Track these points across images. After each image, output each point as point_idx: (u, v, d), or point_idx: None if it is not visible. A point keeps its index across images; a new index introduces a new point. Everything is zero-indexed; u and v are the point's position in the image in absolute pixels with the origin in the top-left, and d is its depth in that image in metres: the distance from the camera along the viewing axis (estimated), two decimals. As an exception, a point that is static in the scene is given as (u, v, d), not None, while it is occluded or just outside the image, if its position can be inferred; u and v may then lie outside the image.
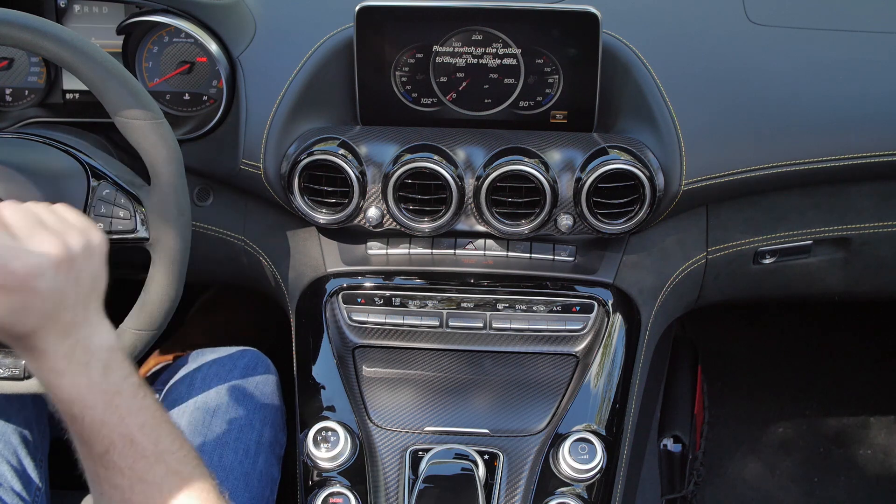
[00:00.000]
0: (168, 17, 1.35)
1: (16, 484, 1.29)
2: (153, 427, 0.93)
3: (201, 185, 1.47)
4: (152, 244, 1.19)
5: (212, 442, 1.30)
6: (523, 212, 1.31)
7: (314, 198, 1.34)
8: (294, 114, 1.36)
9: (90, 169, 1.21)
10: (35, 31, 1.09)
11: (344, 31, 1.37)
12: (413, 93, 1.37)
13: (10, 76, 1.46)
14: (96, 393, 0.90)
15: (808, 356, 2.30)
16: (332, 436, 1.28)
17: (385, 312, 1.40)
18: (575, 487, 1.26)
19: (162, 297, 1.19)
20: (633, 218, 1.32)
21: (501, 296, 1.39)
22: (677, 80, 1.35)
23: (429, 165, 1.28)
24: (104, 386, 0.90)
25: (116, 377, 0.92)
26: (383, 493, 1.26)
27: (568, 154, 1.32)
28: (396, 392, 1.37)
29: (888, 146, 1.35)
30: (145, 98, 1.15)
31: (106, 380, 0.91)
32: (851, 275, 1.54)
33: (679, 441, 1.84)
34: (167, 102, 1.45)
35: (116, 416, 0.90)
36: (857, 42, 1.40)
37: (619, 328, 1.39)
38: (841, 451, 2.12)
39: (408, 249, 1.40)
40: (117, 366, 0.92)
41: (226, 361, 1.41)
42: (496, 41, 1.34)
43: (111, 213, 1.20)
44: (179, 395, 1.37)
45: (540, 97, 1.37)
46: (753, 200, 1.43)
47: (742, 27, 1.40)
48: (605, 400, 1.35)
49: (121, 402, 0.91)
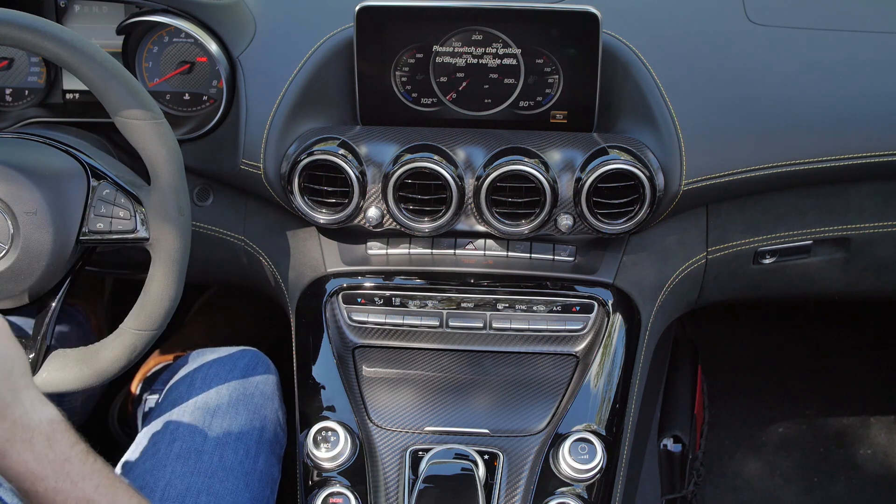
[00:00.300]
0: (168, 17, 1.35)
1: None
2: (108, 487, 0.95)
3: (201, 185, 1.47)
4: (152, 244, 1.19)
5: (212, 442, 1.30)
6: (523, 212, 1.31)
7: (314, 198, 1.34)
8: (294, 114, 1.36)
9: (90, 169, 1.21)
10: (35, 31, 1.09)
11: (344, 31, 1.37)
12: (413, 93, 1.37)
13: (10, 76, 1.46)
14: (44, 464, 0.92)
15: (808, 356, 2.30)
16: (332, 436, 1.29)
17: (385, 312, 1.40)
18: (575, 487, 1.26)
19: (162, 297, 1.19)
20: (633, 218, 1.32)
21: (501, 296, 1.39)
22: (677, 80, 1.35)
23: (429, 165, 1.28)
24: (51, 457, 0.93)
25: (63, 446, 0.94)
26: (383, 493, 1.26)
27: (568, 154, 1.32)
28: (396, 392, 1.37)
29: (888, 146, 1.36)
30: (145, 98, 1.15)
31: (52, 450, 0.93)
32: (851, 275, 1.54)
33: (679, 441, 1.84)
34: (167, 102, 1.45)
35: (69, 482, 0.93)
36: (857, 42, 1.40)
37: (619, 328, 1.39)
38: (841, 451, 2.12)
39: (408, 249, 1.40)
40: (62, 436, 0.95)
41: (226, 361, 1.41)
42: (496, 41, 1.34)
43: (111, 213, 1.20)
44: (180, 395, 1.37)
45: (540, 97, 1.37)
46: (753, 200, 1.43)
47: (742, 27, 1.40)
48: (605, 400, 1.35)
49: (71, 469, 0.93)
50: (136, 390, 1.81)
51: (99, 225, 1.20)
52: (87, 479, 0.94)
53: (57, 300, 1.24)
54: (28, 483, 0.92)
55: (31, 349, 1.21)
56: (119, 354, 1.21)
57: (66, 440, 0.95)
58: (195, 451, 1.28)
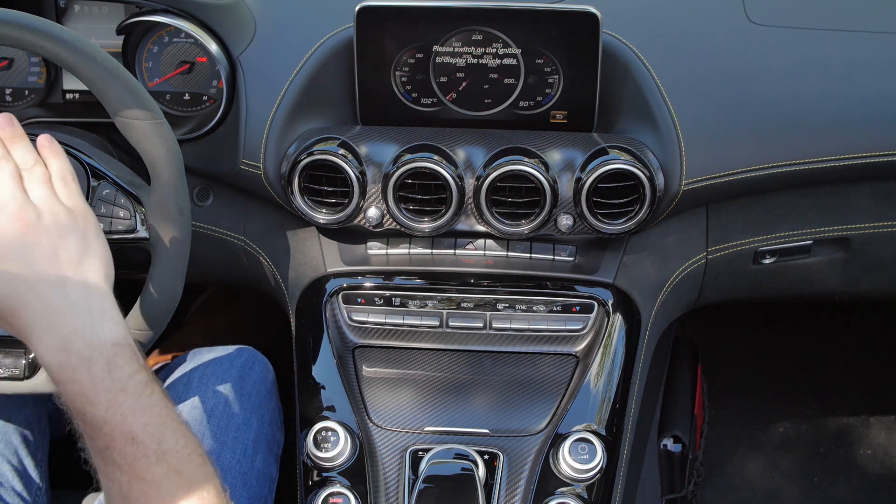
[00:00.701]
0: (168, 17, 1.35)
1: (16, 483, 1.29)
2: (157, 426, 0.91)
3: (201, 185, 1.47)
4: (152, 244, 1.19)
5: (209, 441, 1.30)
6: (523, 212, 1.31)
7: (314, 198, 1.34)
8: (294, 114, 1.36)
9: (90, 169, 1.21)
10: (35, 31, 1.09)
11: (344, 31, 1.37)
12: (413, 93, 1.37)
13: (10, 76, 1.46)
14: (99, 390, 0.88)
15: (808, 356, 2.30)
16: (332, 436, 1.29)
17: (385, 312, 1.40)
18: (575, 487, 1.26)
19: (162, 297, 1.19)
20: (633, 218, 1.32)
21: (501, 296, 1.39)
22: (677, 80, 1.35)
23: (429, 165, 1.28)
24: (107, 383, 0.89)
25: (122, 374, 0.90)
26: (383, 493, 1.26)
27: (568, 154, 1.32)
28: (396, 392, 1.37)
29: (888, 146, 1.35)
30: (145, 98, 1.15)
31: (110, 377, 0.89)
32: (851, 275, 1.54)
33: (679, 441, 1.84)
34: (167, 102, 1.45)
35: (119, 414, 0.89)
36: (857, 42, 1.40)
37: (619, 328, 1.39)
38: (841, 451, 2.12)
39: (408, 249, 1.40)
40: (124, 362, 0.91)
41: (223, 360, 1.41)
42: (496, 41, 1.33)
43: (111, 213, 1.20)
44: (177, 395, 1.37)
45: (540, 97, 1.37)
46: (753, 200, 1.43)
47: (742, 27, 1.40)
48: (605, 400, 1.35)
49: (124, 401, 0.89)
50: (136, 390, 1.80)
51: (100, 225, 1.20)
52: (138, 416, 0.89)
53: (57, 300, 1.24)
54: (79, 404, 0.88)
55: (30, 350, 1.21)
56: (119, 354, 1.20)
57: (127, 368, 0.91)
58: (193, 450, 1.28)
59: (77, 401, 0.89)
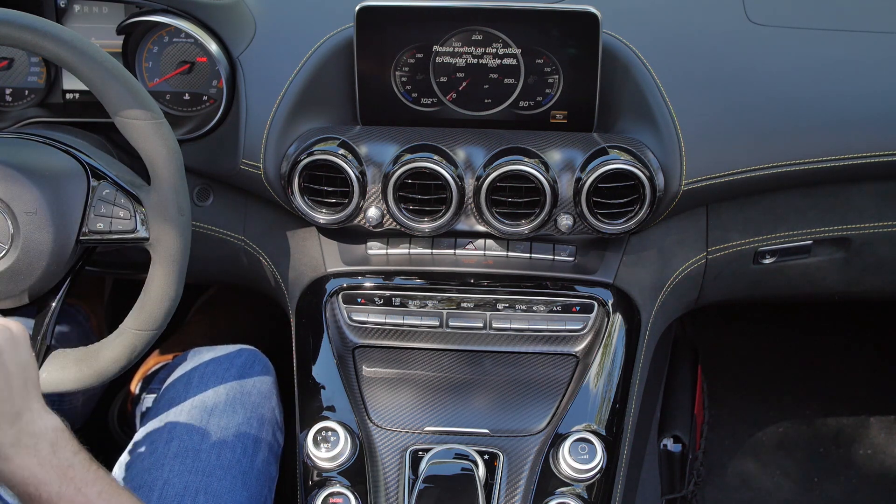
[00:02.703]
0: (168, 17, 1.35)
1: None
2: (111, 494, 0.97)
3: (201, 185, 1.47)
4: (152, 244, 1.19)
5: (209, 440, 1.30)
6: (523, 212, 1.31)
7: (314, 198, 1.34)
8: (294, 114, 1.36)
9: (90, 169, 1.21)
10: (35, 31, 1.09)
11: (344, 31, 1.37)
12: (413, 93, 1.37)
13: (10, 76, 1.46)
14: (48, 469, 0.94)
15: (808, 356, 2.30)
16: (332, 436, 1.29)
17: (385, 312, 1.40)
18: (575, 487, 1.26)
19: (162, 297, 1.19)
20: (633, 218, 1.32)
21: (501, 296, 1.39)
22: (677, 80, 1.35)
23: (429, 165, 1.28)
24: (55, 462, 0.94)
25: (66, 453, 0.96)
26: (383, 493, 1.26)
27: (568, 154, 1.33)
28: (396, 392, 1.37)
29: (888, 146, 1.36)
30: (145, 98, 1.15)
31: (56, 456, 0.95)
32: (851, 275, 1.54)
33: (679, 441, 1.84)
34: (167, 102, 1.45)
35: (72, 487, 0.94)
36: (857, 42, 1.40)
37: (619, 328, 1.39)
38: (841, 451, 2.12)
39: (408, 249, 1.40)
40: (65, 443, 0.96)
41: (223, 360, 1.41)
42: (496, 41, 1.34)
43: (111, 213, 1.20)
44: (177, 394, 1.37)
45: (540, 97, 1.37)
46: (753, 200, 1.43)
47: (742, 27, 1.40)
48: (605, 400, 1.35)
49: (75, 475, 0.95)
50: (136, 390, 1.81)
51: (99, 225, 1.20)
52: (90, 485, 0.95)
53: (57, 300, 1.24)
54: (32, 488, 0.93)
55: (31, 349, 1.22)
56: (119, 354, 1.21)
57: (70, 447, 0.97)
58: (192, 449, 1.28)
59: (31, 485, 0.93)
